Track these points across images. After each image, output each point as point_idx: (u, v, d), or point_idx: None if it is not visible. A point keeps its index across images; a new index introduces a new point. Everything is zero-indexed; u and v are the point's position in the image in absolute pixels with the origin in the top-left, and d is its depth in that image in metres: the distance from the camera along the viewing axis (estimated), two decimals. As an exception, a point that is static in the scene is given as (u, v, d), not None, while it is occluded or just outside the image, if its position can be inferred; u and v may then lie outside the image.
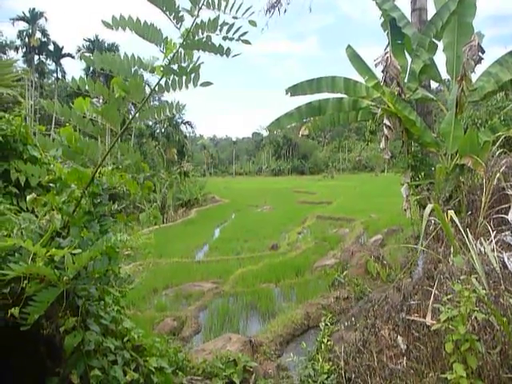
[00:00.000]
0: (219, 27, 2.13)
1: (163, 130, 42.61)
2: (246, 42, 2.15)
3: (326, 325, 5.16)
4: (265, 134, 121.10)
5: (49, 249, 2.04)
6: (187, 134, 59.05)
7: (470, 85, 8.01)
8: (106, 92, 2.28)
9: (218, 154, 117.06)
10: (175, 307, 11.17)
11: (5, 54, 56.96)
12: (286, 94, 8.63)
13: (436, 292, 3.52)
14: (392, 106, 7.97)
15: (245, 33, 2.13)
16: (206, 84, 2.26)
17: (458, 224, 3.91)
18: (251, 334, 8.13)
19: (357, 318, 4.90)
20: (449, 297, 3.26)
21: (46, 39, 38.18)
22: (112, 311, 2.87)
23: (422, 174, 8.35)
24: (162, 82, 2.26)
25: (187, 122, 47.94)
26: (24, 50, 37.63)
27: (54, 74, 43.00)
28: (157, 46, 2.20)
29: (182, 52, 2.20)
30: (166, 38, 2.19)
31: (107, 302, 2.93)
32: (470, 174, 7.27)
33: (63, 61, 41.18)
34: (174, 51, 2.18)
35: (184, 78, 2.22)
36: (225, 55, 2.16)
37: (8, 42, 41.64)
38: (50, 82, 49.11)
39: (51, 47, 38.71)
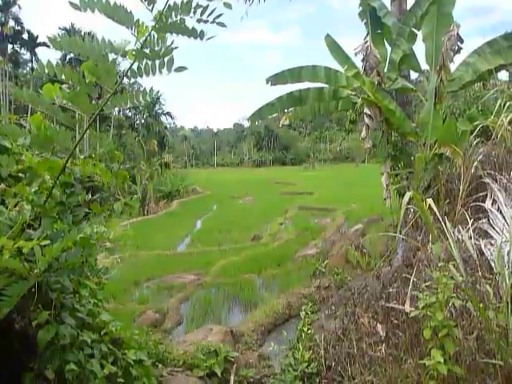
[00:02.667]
0: (193, 9, 2.06)
1: (143, 121, 42.07)
2: (221, 24, 2.09)
3: (307, 314, 5.17)
4: (246, 124, 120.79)
5: (17, 241, 1.96)
6: (167, 125, 58.51)
7: (449, 75, 8.08)
8: (75, 77, 2.19)
9: (200, 146, 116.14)
10: (157, 299, 11.08)
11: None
12: (267, 83, 8.56)
13: (415, 279, 3.55)
14: (372, 95, 7.99)
15: (220, 15, 2.07)
16: (181, 69, 2.19)
17: (437, 212, 3.94)
18: (233, 324, 8.12)
19: (337, 307, 4.92)
20: (427, 284, 3.29)
21: (19, 28, 37.05)
22: (88, 304, 2.80)
23: (402, 163, 8.43)
24: (135, 67, 2.18)
25: (167, 113, 47.44)
26: (-5, 38, 36.48)
27: (30, 64, 41.89)
28: (128, 28, 2.12)
29: (155, 35, 2.13)
30: (138, 20, 2.11)
31: (83, 295, 2.86)
32: (449, 163, 7.36)
33: (38, 50, 40.14)
34: (146, 34, 2.10)
35: (157, 62, 2.15)
36: (199, 38, 2.09)
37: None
38: (25, 72, 47.88)
39: (25, 36, 37.61)
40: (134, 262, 15.68)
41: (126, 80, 2.54)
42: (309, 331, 4.71)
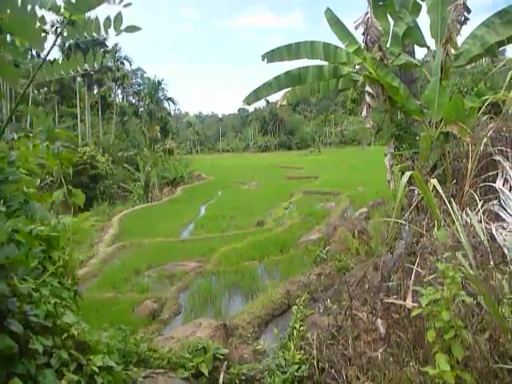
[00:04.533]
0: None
1: (145, 108, 41.65)
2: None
3: (299, 308, 4.80)
4: (251, 109, 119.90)
5: None
6: (171, 111, 57.92)
7: (456, 48, 7.59)
8: None
9: (204, 131, 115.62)
10: (157, 288, 10.86)
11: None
12: (263, 59, 8.13)
13: (418, 270, 3.19)
14: (374, 72, 7.53)
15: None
16: (132, 29, 1.83)
17: (442, 193, 3.56)
18: (232, 314, 7.86)
19: (332, 300, 4.55)
20: (432, 277, 2.92)
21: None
22: (48, 304, 2.47)
23: (406, 143, 7.99)
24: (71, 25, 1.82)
25: (169, 99, 46.89)
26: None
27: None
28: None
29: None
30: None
31: (43, 295, 2.53)
32: (456, 141, 6.93)
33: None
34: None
35: (102, 22, 1.79)
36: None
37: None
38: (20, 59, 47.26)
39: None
40: (135, 250, 15.48)
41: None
42: (301, 328, 4.36)
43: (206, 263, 12.49)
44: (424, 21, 8.60)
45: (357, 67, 8.60)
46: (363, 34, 7.64)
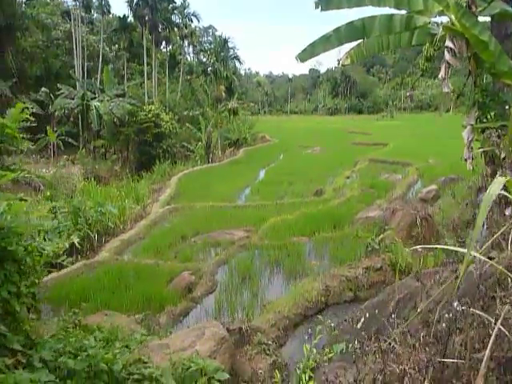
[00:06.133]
0: None
1: (211, 66, 40.91)
2: None
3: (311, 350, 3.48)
4: (322, 70, 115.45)
5: None
6: (240, 71, 56.73)
7: None
8: None
9: (274, 92, 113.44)
10: (200, 257, 10.36)
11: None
12: (316, 7, 6.84)
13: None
14: (457, 22, 6.02)
15: None
16: None
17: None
18: (271, 298, 7.06)
19: (370, 329, 3.36)
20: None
21: (90, -30, 36.48)
22: None
23: (492, 113, 6.46)
24: None
25: (235, 57, 45.63)
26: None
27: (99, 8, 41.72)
28: None
29: None
30: None
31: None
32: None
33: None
34: None
35: None
36: None
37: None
38: (94, 17, 47.92)
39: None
40: (186, 213, 15.13)
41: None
42: None
43: (253, 233, 11.79)
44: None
45: (435, 19, 7.05)
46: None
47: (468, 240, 4.55)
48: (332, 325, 4.08)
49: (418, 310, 2.90)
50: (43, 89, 34.09)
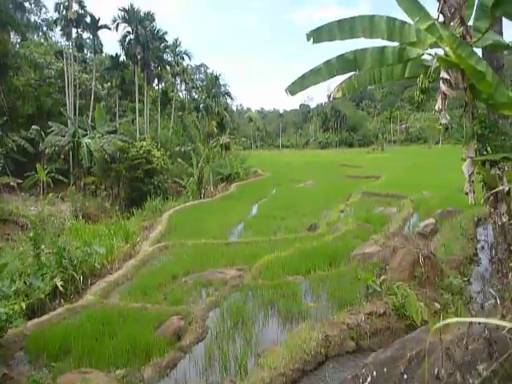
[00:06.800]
0: None
1: (203, 102, 41.24)
2: None
3: None
4: (312, 105, 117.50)
5: None
6: (231, 106, 57.35)
7: None
8: None
9: (265, 127, 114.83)
10: (191, 299, 9.81)
11: (52, 30, 57.15)
12: (308, 39, 6.67)
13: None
14: (453, 52, 5.85)
15: None
16: None
17: None
18: (266, 344, 6.54)
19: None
20: None
21: (82, 11, 37.08)
22: None
23: (492, 145, 6.21)
24: None
25: (226, 93, 46.13)
26: (62, 23, 36.73)
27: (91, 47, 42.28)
28: None
29: None
30: None
31: None
32: None
33: (100, 33, 40.23)
34: None
35: None
36: None
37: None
38: (87, 56, 48.55)
39: (88, 19, 37.63)
40: (177, 251, 14.60)
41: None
42: None
43: (246, 272, 11.31)
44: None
45: (429, 50, 6.91)
46: (438, 0, 5.96)
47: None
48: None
49: (435, 372, 2.49)
50: (34, 126, 34.06)
